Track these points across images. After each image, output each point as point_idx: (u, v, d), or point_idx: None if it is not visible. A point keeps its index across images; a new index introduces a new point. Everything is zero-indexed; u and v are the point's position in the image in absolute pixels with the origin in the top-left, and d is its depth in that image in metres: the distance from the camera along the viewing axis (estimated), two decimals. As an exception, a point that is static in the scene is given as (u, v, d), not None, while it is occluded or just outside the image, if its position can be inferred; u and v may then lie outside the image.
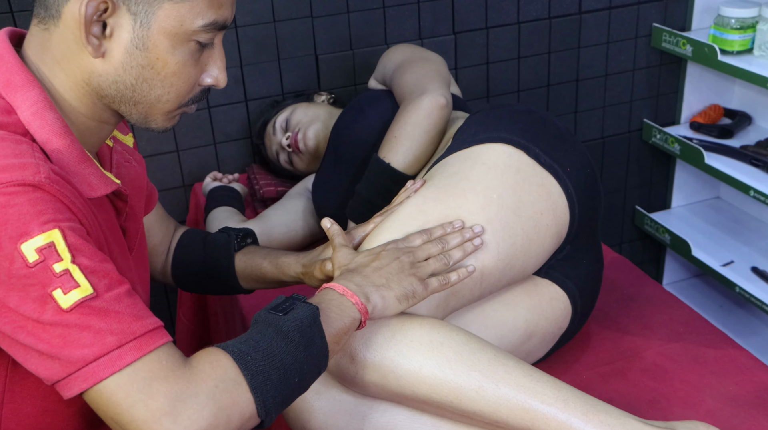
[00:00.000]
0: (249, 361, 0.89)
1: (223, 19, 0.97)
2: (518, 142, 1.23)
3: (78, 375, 0.84)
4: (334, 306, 1.00)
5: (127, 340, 0.85)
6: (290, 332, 0.92)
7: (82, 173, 0.95)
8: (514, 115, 1.29)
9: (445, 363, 1.04)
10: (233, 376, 0.88)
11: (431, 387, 1.04)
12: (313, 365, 0.94)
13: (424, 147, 1.40)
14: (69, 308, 0.83)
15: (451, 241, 1.14)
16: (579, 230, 1.27)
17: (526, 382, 1.03)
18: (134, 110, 0.99)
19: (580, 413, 1.01)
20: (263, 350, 0.90)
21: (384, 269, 1.08)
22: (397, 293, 1.06)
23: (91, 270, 0.86)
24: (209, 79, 1.01)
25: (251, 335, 0.93)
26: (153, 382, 0.84)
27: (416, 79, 1.48)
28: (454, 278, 1.12)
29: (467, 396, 1.03)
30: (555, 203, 1.22)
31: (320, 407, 1.10)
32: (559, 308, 1.28)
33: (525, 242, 1.19)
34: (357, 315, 1.01)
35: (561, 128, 1.30)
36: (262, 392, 0.88)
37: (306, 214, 1.69)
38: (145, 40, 0.93)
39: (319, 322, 0.95)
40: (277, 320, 0.93)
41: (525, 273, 1.23)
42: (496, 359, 1.05)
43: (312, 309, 0.95)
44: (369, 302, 1.03)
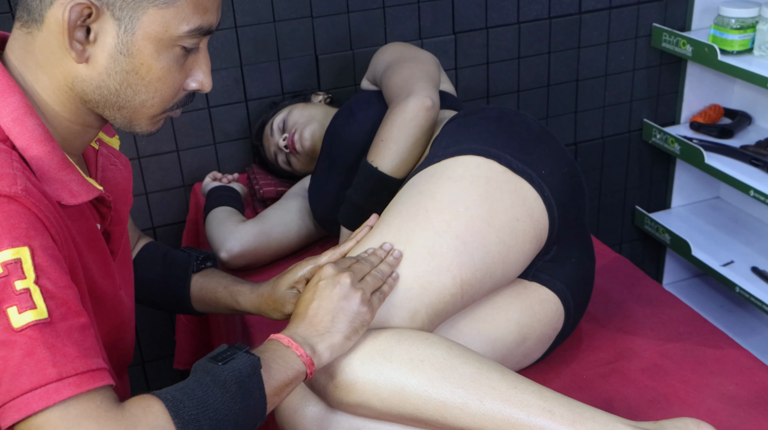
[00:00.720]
0: (181, 409, 0.88)
1: (209, 25, 0.96)
2: (488, 151, 1.22)
3: (12, 405, 0.82)
4: (278, 357, 0.99)
5: (68, 375, 0.83)
6: (227, 382, 0.91)
7: (62, 180, 0.94)
8: (484, 123, 1.29)
9: (427, 382, 1.03)
10: (163, 423, 0.86)
11: (415, 406, 1.04)
12: (248, 417, 0.93)
13: (410, 149, 1.39)
14: (19, 328, 0.82)
15: (374, 260, 1.14)
16: (563, 230, 1.27)
17: (511, 395, 1.03)
18: (118, 115, 0.98)
19: (568, 423, 1.01)
20: (197, 399, 0.89)
21: (326, 305, 1.06)
22: (346, 332, 1.05)
23: (51, 295, 0.84)
24: (194, 83, 1.00)
25: (188, 383, 0.91)
26: (83, 421, 0.83)
27: (403, 80, 1.47)
28: (386, 288, 1.11)
29: (452, 414, 1.03)
30: (531, 208, 1.21)
31: (313, 414, 1.10)
32: (551, 310, 1.28)
33: (502, 249, 1.18)
34: (302, 367, 1.00)
35: (535, 130, 1.30)
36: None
37: (305, 214, 1.69)
38: (130, 46, 0.93)
39: (259, 374, 0.94)
40: (215, 369, 0.92)
41: (508, 278, 1.23)
42: (480, 372, 1.04)
43: (253, 360, 0.94)
44: (315, 354, 1.01)
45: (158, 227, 2.03)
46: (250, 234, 1.63)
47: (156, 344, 2.11)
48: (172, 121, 1.95)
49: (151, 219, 2.01)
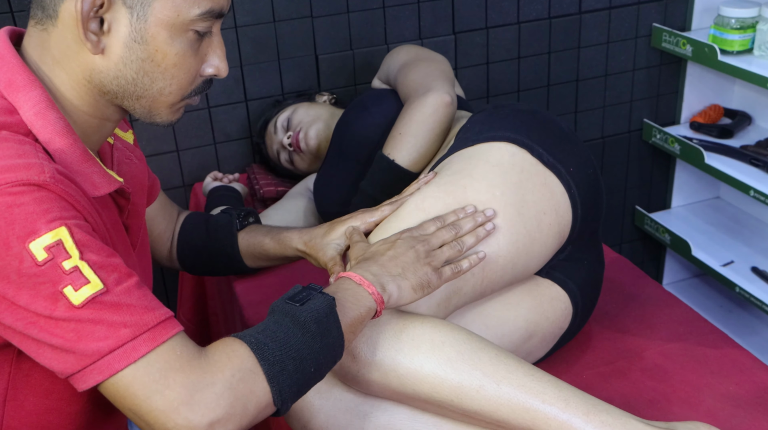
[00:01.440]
0: (265, 350, 0.89)
1: (219, 7, 0.97)
2: (522, 141, 1.23)
3: (93, 367, 0.85)
4: (350, 295, 1.01)
5: (141, 331, 0.86)
6: (307, 323, 0.93)
7: (85, 172, 0.96)
8: (517, 115, 1.30)
9: (446, 362, 1.04)
10: (250, 365, 0.88)
11: (432, 386, 1.04)
12: (328, 355, 0.95)
13: (428, 144, 1.40)
14: (81, 304, 0.84)
15: (464, 226, 1.15)
16: (581, 231, 1.28)
17: (527, 381, 1.03)
18: (137, 105, 0.99)
19: (581, 413, 1.01)
20: (280, 340, 0.91)
21: (399, 258, 1.09)
22: (413, 283, 1.07)
23: (100, 265, 0.86)
24: (210, 68, 1.01)
25: (268, 324, 0.93)
26: (169, 372, 0.85)
27: (421, 77, 1.48)
28: (465, 265, 1.13)
29: (468, 395, 1.03)
30: (558, 203, 1.22)
31: (322, 407, 1.10)
32: (560, 308, 1.28)
33: (527, 240, 1.19)
34: (373, 305, 1.02)
35: (564, 129, 1.30)
36: (278, 382, 0.89)
37: (306, 214, 1.69)
38: (143, 33, 0.94)
39: (335, 313, 0.96)
40: (293, 310, 0.94)
41: (527, 272, 1.23)
42: (498, 358, 1.05)
43: (328, 300, 0.96)
44: (385, 292, 1.04)
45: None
46: (251, 234, 1.62)
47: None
48: (172, 121, 1.95)
49: (151, 219, 2.01)
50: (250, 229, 1.36)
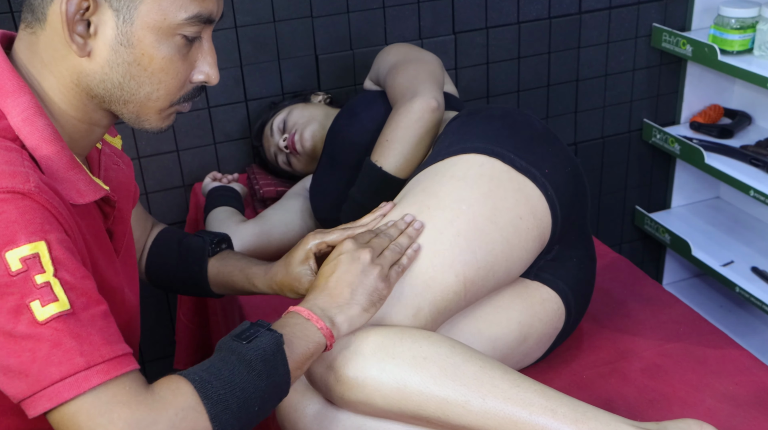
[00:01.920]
0: (209, 389, 0.89)
1: (208, 12, 0.96)
2: (492, 149, 1.22)
3: (43, 394, 0.83)
4: (299, 331, 1.00)
5: (95, 363, 0.84)
6: (253, 361, 0.92)
7: (71, 180, 0.95)
8: (488, 122, 1.29)
9: (429, 379, 1.03)
10: (193, 404, 0.88)
11: (417, 404, 1.04)
12: (274, 394, 0.95)
13: (415, 150, 1.40)
14: (44, 321, 0.83)
15: (393, 233, 1.15)
16: (565, 230, 1.27)
17: (513, 393, 1.03)
18: (125, 110, 0.99)
19: (570, 422, 1.01)
20: (224, 379, 0.90)
21: (345, 278, 1.08)
22: (363, 304, 1.06)
23: (71, 286, 0.85)
24: (200, 75, 1.00)
25: (213, 362, 0.93)
26: (115, 407, 0.84)
27: (408, 81, 1.47)
28: (405, 261, 1.13)
29: (454, 411, 1.03)
30: (534, 206, 1.21)
31: (314, 414, 1.10)
32: (552, 309, 1.28)
33: (505, 247, 1.18)
34: (322, 340, 1.02)
35: (538, 129, 1.30)
36: (220, 421, 0.89)
37: (305, 214, 1.69)
38: (129, 36, 0.93)
39: (282, 350, 0.96)
40: (240, 348, 0.93)
41: (510, 277, 1.23)
42: (482, 371, 1.04)
43: (276, 337, 0.96)
44: (334, 326, 1.03)
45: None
46: (250, 234, 1.62)
47: (156, 344, 2.11)
48: (172, 121, 1.95)
49: (151, 219, 2.01)
50: (222, 256, 1.33)
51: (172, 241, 1.36)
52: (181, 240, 1.35)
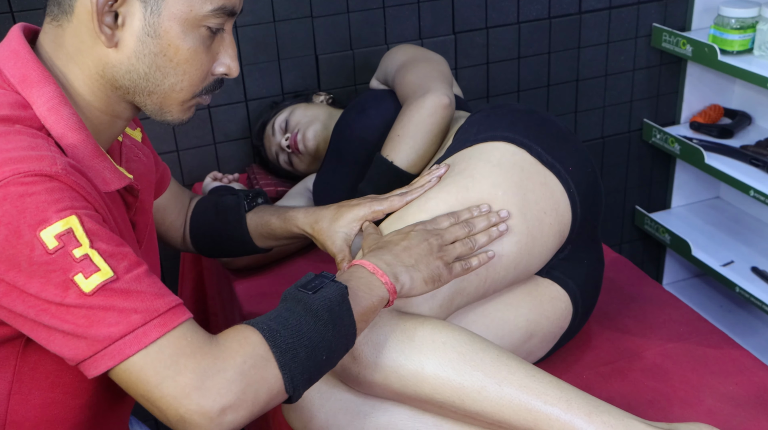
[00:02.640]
0: (278, 338, 0.90)
1: (232, 5, 1.00)
2: (521, 141, 1.23)
3: (104, 353, 0.85)
4: (363, 284, 1.02)
5: (151, 317, 0.86)
6: (319, 311, 0.93)
7: (96, 168, 0.97)
8: (515, 115, 1.30)
9: (447, 363, 1.04)
10: (262, 352, 0.89)
11: (433, 387, 1.04)
12: (340, 343, 0.96)
13: (426, 146, 1.40)
14: (91, 292, 0.85)
15: (477, 224, 1.16)
16: (580, 230, 1.28)
17: (529, 382, 1.03)
18: (149, 101, 1.01)
19: (584, 414, 1.01)
20: (292, 328, 0.91)
21: (413, 249, 1.10)
22: (425, 275, 1.08)
23: (110, 254, 0.87)
24: (221, 67, 1.03)
25: (280, 312, 0.94)
26: (180, 358, 0.86)
27: (419, 78, 1.48)
28: (475, 262, 1.14)
29: (470, 396, 1.03)
30: (558, 202, 1.22)
31: (322, 406, 1.10)
32: (560, 308, 1.28)
33: (529, 240, 1.19)
34: (385, 294, 1.03)
35: (562, 128, 1.30)
36: (290, 369, 0.90)
37: (306, 214, 1.69)
38: (157, 27, 0.95)
39: (347, 301, 0.96)
40: (306, 297, 0.94)
41: (529, 272, 1.23)
42: (499, 359, 1.05)
43: (341, 288, 0.96)
44: (398, 282, 1.05)
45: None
46: (251, 234, 1.62)
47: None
48: (172, 121, 1.95)
49: (151, 219, 2.01)
50: (258, 209, 1.37)
51: (209, 206, 1.40)
52: (217, 203, 1.38)
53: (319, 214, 1.29)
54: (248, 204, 1.37)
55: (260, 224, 1.35)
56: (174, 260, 2.02)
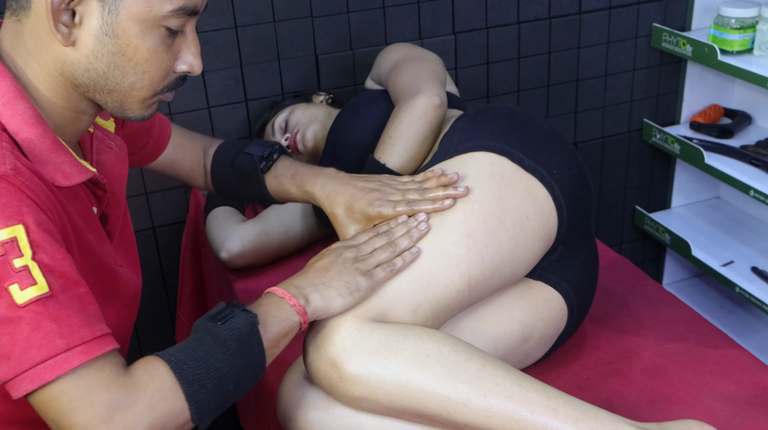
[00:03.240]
0: (184, 369, 0.91)
1: (193, 4, 0.96)
2: (501, 148, 1.23)
3: (26, 376, 0.85)
4: (273, 310, 1.03)
5: (75, 344, 0.86)
6: (227, 341, 0.95)
7: (55, 162, 0.96)
8: (497, 121, 1.29)
9: (431, 376, 1.04)
10: (169, 385, 0.90)
11: (420, 401, 1.04)
12: (249, 373, 0.97)
13: (418, 147, 1.40)
14: (23, 304, 0.85)
15: (397, 232, 1.16)
16: (570, 231, 1.27)
17: (515, 392, 1.03)
18: (109, 99, 0.99)
19: (571, 421, 1.01)
20: (200, 359, 0.93)
21: (326, 268, 1.11)
22: (339, 290, 1.07)
23: (50, 269, 0.87)
24: (184, 65, 1.01)
25: (190, 343, 0.95)
26: (95, 390, 0.86)
27: (411, 78, 1.48)
28: (399, 263, 1.13)
29: (456, 409, 1.03)
30: (541, 207, 1.22)
31: (315, 417, 1.10)
32: (554, 310, 1.28)
33: (512, 247, 1.19)
34: (296, 317, 1.03)
35: (546, 130, 1.30)
36: (196, 400, 0.91)
37: (305, 213, 1.69)
38: (115, 27, 0.93)
39: (257, 330, 0.98)
40: (215, 328, 0.95)
41: (516, 277, 1.23)
42: (485, 369, 1.04)
43: (250, 318, 0.98)
44: (309, 304, 1.05)
45: (158, 227, 2.03)
46: (251, 234, 1.63)
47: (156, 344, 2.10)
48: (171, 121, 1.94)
49: (151, 219, 2.01)
50: (276, 171, 1.35)
51: (227, 162, 1.38)
52: (233, 161, 1.37)
53: (333, 198, 1.26)
54: (265, 166, 1.34)
55: (279, 190, 1.34)
56: (174, 260, 2.02)
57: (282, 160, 1.37)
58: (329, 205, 1.26)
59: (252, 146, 1.37)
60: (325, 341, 1.06)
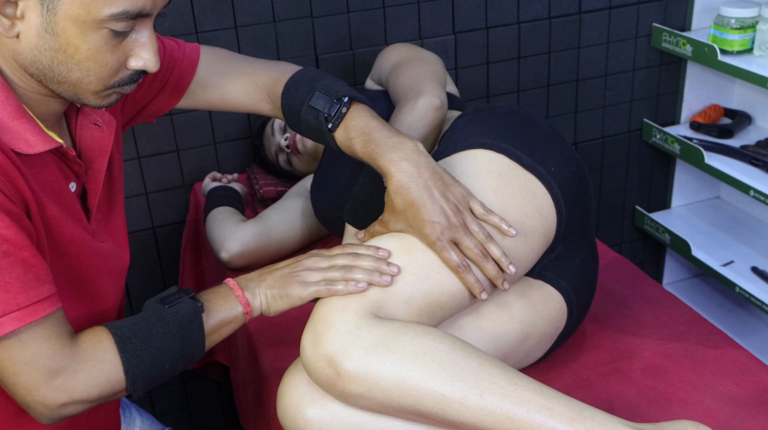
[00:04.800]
0: (127, 344, 1.01)
1: (137, 9, 0.94)
2: (499, 146, 1.22)
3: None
4: (221, 298, 1.11)
5: (11, 310, 0.91)
6: (170, 324, 1.04)
7: (16, 130, 0.97)
8: (495, 119, 1.29)
9: (428, 374, 1.03)
10: (110, 357, 1.00)
11: (416, 398, 1.04)
12: (186, 355, 1.06)
13: None
14: None
15: (362, 261, 1.12)
16: (569, 229, 1.27)
17: (511, 391, 1.02)
18: (61, 88, 0.99)
19: (566, 420, 1.01)
20: (143, 336, 1.02)
21: (277, 271, 1.16)
22: (275, 292, 1.14)
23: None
24: (138, 62, 0.99)
25: (138, 320, 1.04)
26: (38, 357, 0.94)
27: (411, 80, 1.47)
28: (339, 286, 1.10)
29: (452, 407, 1.03)
30: (540, 204, 1.21)
31: (315, 416, 1.10)
32: (554, 308, 1.28)
33: (511, 245, 1.19)
34: (239, 308, 1.12)
35: (544, 128, 1.30)
36: (132, 374, 1.01)
37: (305, 214, 1.69)
38: (53, 26, 0.92)
39: (200, 318, 1.06)
40: (161, 311, 1.04)
41: (516, 276, 1.23)
42: (481, 367, 1.04)
43: (195, 306, 1.06)
44: (254, 298, 1.13)
45: (158, 227, 2.03)
46: (251, 234, 1.62)
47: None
48: (172, 121, 1.95)
49: (151, 219, 2.01)
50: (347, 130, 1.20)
51: (295, 109, 1.24)
52: (300, 113, 1.23)
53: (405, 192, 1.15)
54: (333, 125, 1.20)
55: (352, 153, 1.22)
56: (174, 260, 2.02)
57: (354, 114, 1.20)
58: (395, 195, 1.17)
59: (318, 98, 1.21)
60: (323, 338, 1.06)
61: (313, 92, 1.22)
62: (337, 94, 1.20)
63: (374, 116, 1.21)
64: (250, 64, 1.33)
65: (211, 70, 1.31)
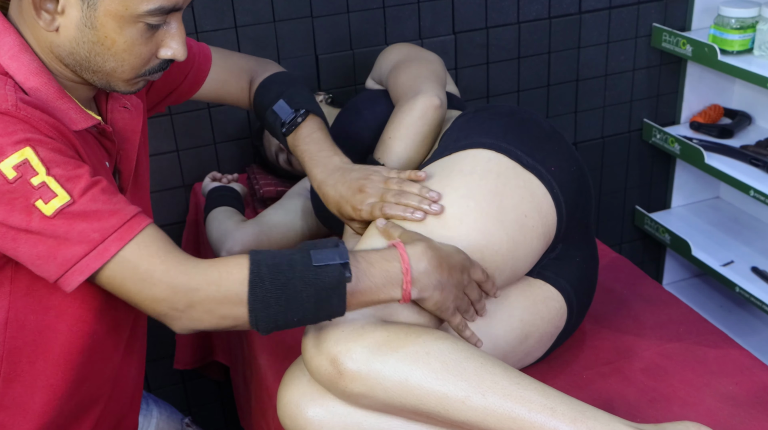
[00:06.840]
0: (258, 287, 0.99)
1: (172, 4, 1.00)
2: (498, 145, 1.23)
3: (73, 270, 0.95)
4: (382, 276, 1.05)
5: (109, 233, 0.96)
6: (309, 285, 1.00)
7: (61, 108, 1.03)
8: (495, 118, 1.29)
9: (431, 374, 1.04)
10: (238, 291, 0.99)
11: (418, 398, 1.04)
12: (319, 315, 1.03)
13: (418, 147, 1.40)
14: (52, 215, 0.94)
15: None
16: (569, 229, 1.27)
17: (513, 390, 1.03)
18: (95, 77, 1.05)
19: (568, 420, 1.01)
20: (279, 283, 0.99)
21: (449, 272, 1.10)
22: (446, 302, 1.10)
23: (66, 178, 0.95)
24: (168, 51, 1.06)
25: (281, 262, 1.01)
26: (149, 270, 0.98)
27: (411, 79, 1.47)
28: (467, 333, 1.16)
29: (454, 407, 1.03)
30: (540, 204, 1.21)
31: (315, 415, 1.10)
32: (554, 308, 1.28)
33: (511, 245, 1.18)
34: (397, 297, 1.06)
35: (544, 128, 1.30)
36: (255, 315, 1.00)
37: (305, 214, 1.69)
38: (93, 20, 0.98)
39: (343, 289, 1.01)
40: (307, 267, 1.00)
41: (516, 275, 1.23)
42: (483, 367, 1.05)
43: (342, 277, 1.01)
44: (420, 296, 1.08)
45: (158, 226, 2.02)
46: (250, 234, 1.62)
47: (156, 344, 2.10)
48: (172, 121, 1.95)
49: (151, 219, 2.01)
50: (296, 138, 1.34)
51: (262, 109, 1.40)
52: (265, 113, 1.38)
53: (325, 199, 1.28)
54: (287, 130, 1.35)
55: (293, 149, 1.35)
56: (174, 260, 2.02)
57: (306, 125, 1.34)
58: (324, 202, 1.30)
59: (280, 106, 1.36)
60: (326, 337, 1.06)
61: (278, 99, 1.37)
62: (297, 105, 1.35)
63: (320, 130, 1.34)
64: (246, 60, 1.47)
65: (217, 65, 1.41)
